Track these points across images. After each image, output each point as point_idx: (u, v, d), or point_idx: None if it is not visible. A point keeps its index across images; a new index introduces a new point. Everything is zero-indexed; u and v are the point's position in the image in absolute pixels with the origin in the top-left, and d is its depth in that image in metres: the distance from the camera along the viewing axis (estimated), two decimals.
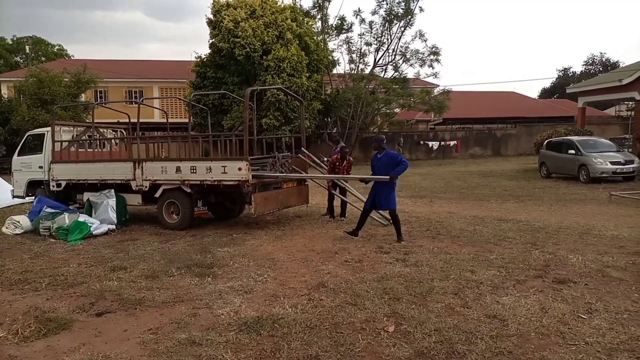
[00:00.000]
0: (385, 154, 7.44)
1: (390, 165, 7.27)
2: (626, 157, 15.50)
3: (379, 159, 7.46)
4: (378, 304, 4.50)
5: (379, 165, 7.41)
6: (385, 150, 7.52)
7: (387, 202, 7.39)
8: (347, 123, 27.68)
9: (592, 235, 7.37)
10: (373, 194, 7.46)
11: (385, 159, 7.36)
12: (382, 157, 7.42)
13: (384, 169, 7.29)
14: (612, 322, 3.94)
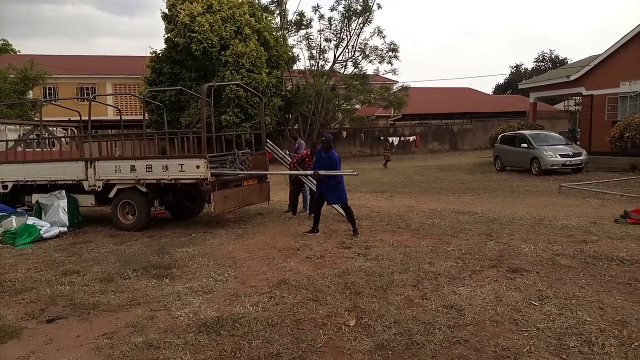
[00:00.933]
0: (330, 154, 7.57)
1: (329, 167, 7.47)
2: (574, 149, 16.27)
3: (322, 157, 7.62)
4: (339, 299, 4.51)
5: (321, 163, 7.58)
6: (332, 150, 7.64)
7: (337, 197, 7.57)
8: (308, 119, 27.71)
9: (543, 225, 7.68)
10: (319, 189, 7.66)
11: (328, 160, 7.53)
12: (326, 157, 7.58)
13: (325, 168, 7.49)
14: (561, 308, 4.11)
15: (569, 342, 3.46)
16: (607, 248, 6.06)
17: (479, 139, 32.71)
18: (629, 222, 7.54)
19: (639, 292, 4.44)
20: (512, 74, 59.66)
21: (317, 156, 7.80)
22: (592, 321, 3.81)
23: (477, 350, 3.42)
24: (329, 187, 7.54)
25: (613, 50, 19.15)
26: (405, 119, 37.10)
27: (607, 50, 19.45)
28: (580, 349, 3.36)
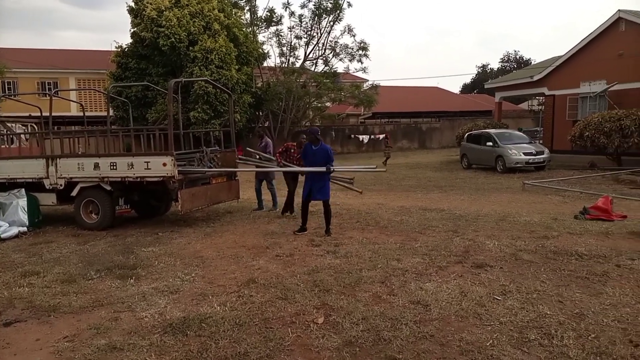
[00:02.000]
0: (321, 146, 7.43)
1: (324, 158, 7.32)
2: (537, 148, 16.78)
3: (314, 151, 7.42)
4: (308, 297, 4.52)
5: (314, 157, 7.39)
6: (321, 142, 7.51)
7: (322, 193, 7.42)
8: (279, 117, 27.55)
9: (507, 222, 7.89)
10: (309, 186, 7.45)
11: (321, 152, 7.37)
12: (317, 150, 7.40)
13: (320, 161, 7.31)
14: (523, 302, 4.24)
15: (530, 335, 3.57)
16: (567, 243, 6.28)
17: (446, 138, 33.33)
18: (587, 219, 7.84)
19: (596, 286, 4.62)
20: (478, 74, 61.05)
21: (308, 151, 7.54)
22: (552, 314, 3.95)
23: (443, 344, 3.48)
24: (319, 184, 7.37)
25: (573, 52, 19.85)
26: (376, 117, 37.42)
27: (568, 52, 20.14)
28: (540, 342, 3.47)
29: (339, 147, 32.05)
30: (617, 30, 18.21)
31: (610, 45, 18.27)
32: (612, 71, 17.90)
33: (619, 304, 4.13)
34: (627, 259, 5.46)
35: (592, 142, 15.37)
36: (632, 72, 17.04)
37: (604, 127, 14.97)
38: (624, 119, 14.73)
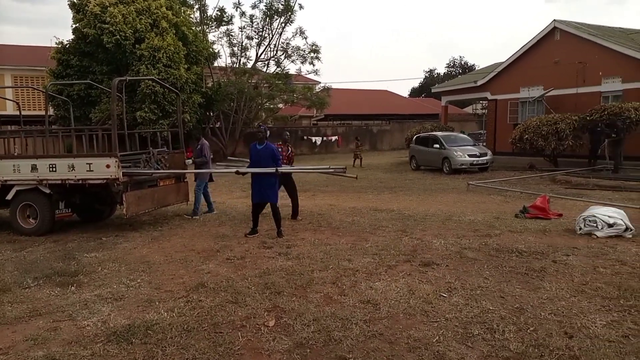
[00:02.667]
0: (266, 146, 7.32)
1: (271, 158, 7.20)
2: (481, 150, 17.51)
3: (258, 150, 7.29)
4: (259, 300, 4.48)
5: (258, 157, 7.27)
6: (266, 142, 7.42)
7: (272, 195, 7.30)
8: (230, 117, 27.18)
9: (452, 221, 8.18)
10: (259, 187, 7.27)
11: (267, 152, 7.25)
12: (262, 150, 7.28)
13: (266, 161, 7.20)
14: (467, 298, 4.41)
15: (474, 330, 3.71)
16: (508, 241, 6.59)
17: (396, 140, 34.12)
18: (527, 217, 8.26)
19: (535, 281, 4.87)
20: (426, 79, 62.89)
21: (252, 150, 7.39)
22: (494, 310, 4.12)
23: (391, 342, 3.56)
24: (270, 185, 7.25)
25: (513, 59, 20.90)
26: (328, 119, 37.71)
27: (508, 59, 21.18)
28: (483, 336, 3.62)
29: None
30: (553, 39, 19.36)
31: (547, 53, 19.38)
32: (548, 77, 19.00)
33: (555, 297, 4.38)
34: (562, 255, 5.79)
35: (531, 144, 16.22)
36: (566, 79, 18.15)
37: (541, 130, 15.85)
38: (560, 122, 15.66)
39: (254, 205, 7.47)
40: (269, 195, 7.28)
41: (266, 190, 7.25)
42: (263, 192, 7.26)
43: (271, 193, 7.28)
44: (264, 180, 7.23)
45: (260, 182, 7.26)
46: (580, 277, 4.92)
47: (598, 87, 17.74)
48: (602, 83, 17.68)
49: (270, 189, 7.26)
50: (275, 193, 7.36)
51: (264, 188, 7.24)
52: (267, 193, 7.26)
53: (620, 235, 6.62)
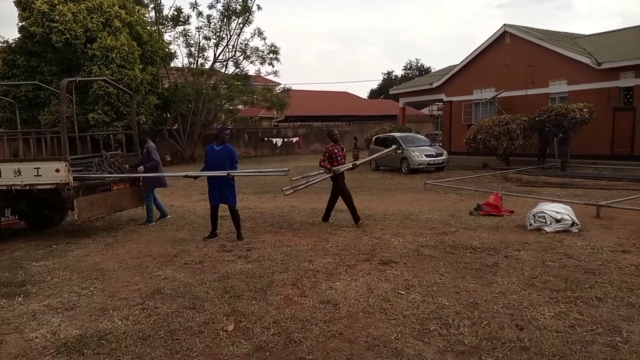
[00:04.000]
0: (224, 147, 7.17)
1: (229, 160, 7.08)
2: (437, 150, 17.97)
3: (216, 151, 7.14)
4: (218, 304, 4.41)
5: (217, 158, 7.11)
6: (225, 143, 7.26)
7: (231, 197, 7.16)
8: (188, 119, 26.66)
9: (410, 220, 8.35)
10: (217, 189, 7.12)
11: (225, 152, 7.11)
12: (221, 150, 7.13)
13: (224, 162, 7.07)
14: (424, 295, 4.51)
15: (430, 326, 3.80)
16: (463, 238, 6.80)
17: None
18: (481, 214, 8.54)
19: (488, 276, 5.04)
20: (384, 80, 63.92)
21: (209, 151, 7.23)
22: (449, 305, 4.24)
23: (351, 341, 3.59)
24: (227, 186, 7.09)
25: (467, 62, 21.58)
26: (288, 121, 37.68)
27: (462, 62, 21.85)
28: (439, 332, 3.71)
29: (252, 150, 31.82)
30: (504, 42, 20.13)
31: (498, 56, 20.13)
32: (500, 80, 19.73)
33: (507, 291, 4.55)
34: (514, 250, 6.03)
35: (484, 144, 16.80)
36: (517, 81, 18.91)
37: (494, 130, 16.44)
38: (511, 123, 16.30)
39: (212, 207, 7.34)
40: (228, 197, 7.15)
41: (225, 192, 7.12)
42: (222, 194, 7.13)
43: (230, 195, 7.15)
44: (222, 181, 7.09)
45: (219, 184, 7.12)
46: (530, 271, 5.14)
47: (546, 89, 18.59)
48: (550, 85, 18.54)
49: (228, 190, 7.13)
50: (233, 195, 7.23)
51: (222, 190, 7.11)
52: (226, 195, 7.13)
53: (567, 230, 6.96)
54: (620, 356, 3.21)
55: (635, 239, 6.46)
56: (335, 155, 8.17)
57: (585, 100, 16.09)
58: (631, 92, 16.53)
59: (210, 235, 7.32)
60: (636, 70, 16.12)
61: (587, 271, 5.07)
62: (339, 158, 8.23)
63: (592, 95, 16.82)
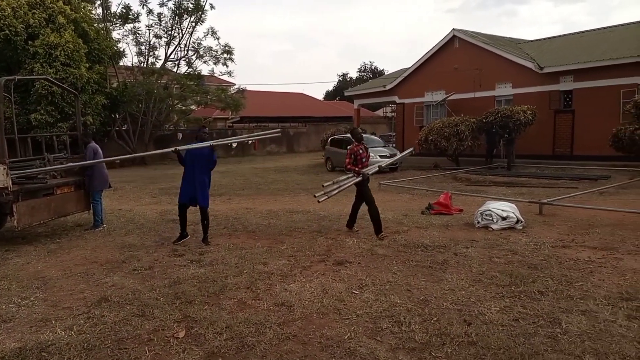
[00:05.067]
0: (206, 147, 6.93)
1: (207, 159, 6.88)
2: (391, 151, 18.31)
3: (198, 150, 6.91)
4: (168, 311, 4.29)
5: (194, 158, 6.88)
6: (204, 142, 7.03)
7: (204, 199, 6.94)
8: (138, 120, 25.83)
9: (365, 220, 8.40)
10: (190, 186, 6.87)
11: (208, 153, 6.89)
12: (204, 150, 6.90)
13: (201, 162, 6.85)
14: (377, 294, 4.58)
15: (383, 325, 3.86)
16: (415, 236, 6.96)
17: (313, 142, 34.59)
18: (432, 213, 8.77)
19: (438, 273, 5.19)
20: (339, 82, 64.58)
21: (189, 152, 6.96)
22: (401, 303, 4.32)
23: (304, 343, 3.59)
24: (202, 185, 6.85)
25: (418, 65, 22.15)
26: (244, 122, 37.24)
27: (413, 65, 22.41)
28: (391, 330, 3.77)
29: None
30: (453, 47, 20.81)
31: (448, 59, 20.78)
32: (449, 82, 20.39)
33: (456, 288, 4.70)
34: (462, 247, 6.24)
35: (435, 145, 17.29)
36: (465, 84, 19.59)
37: (444, 132, 16.95)
38: (460, 124, 16.86)
39: (180, 205, 7.07)
40: (200, 196, 6.87)
41: (197, 190, 6.84)
42: (194, 192, 6.85)
43: (202, 194, 6.89)
44: (196, 178, 6.85)
45: (192, 181, 6.87)
46: (478, 267, 5.33)
47: (492, 92, 19.38)
48: (496, 88, 19.34)
49: (202, 190, 6.87)
50: (206, 195, 6.96)
51: (195, 187, 6.83)
52: (198, 194, 6.85)
53: (513, 227, 7.27)
54: (559, 346, 3.39)
55: (574, 234, 6.85)
56: (359, 157, 7.39)
57: (529, 103, 16.89)
58: (570, 95, 17.52)
59: (180, 237, 7.10)
60: (575, 74, 17.11)
61: (530, 266, 5.31)
62: (363, 160, 7.45)
63: (535, 98, 17.69)
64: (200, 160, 6.88)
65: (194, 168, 6.89)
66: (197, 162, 6.88)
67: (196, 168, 6.88)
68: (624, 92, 15.71)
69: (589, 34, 20.36)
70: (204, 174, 6.91)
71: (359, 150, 7.43)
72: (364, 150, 7.48)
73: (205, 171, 6.93)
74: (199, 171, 6.87)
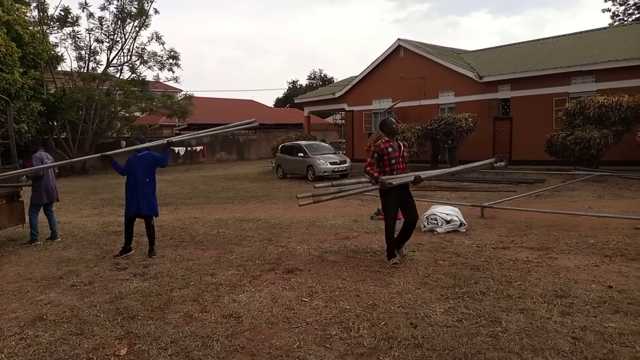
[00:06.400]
0: (146, 154, 6.70)
1: (152, 165, 6.65)
2: (341, 158, 18.54)
3: (139, 157, 6.66)
4: (109, 328, 4.09)
5: (141, 166, 6.62)
6: (148, 151, 6.77)
7: (149, 208, 6.66)
8: (79, 127, 24.67)
9: (316, 227, 8.49)
10: (135, 196, 6.59)
11: (149, 158, 6.65)
12: (145, 156, 6.65)
13: (148, 170, 6.63)
14: (327, 301, 4.59)
15: (332, 331, 3.87)
16: (364, 242, 7.06)
17: (263, 149, 34.41)
18: (380, 218, 8.92)
19: (386, 278, 5.27)
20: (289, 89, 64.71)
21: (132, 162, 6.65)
22: (350, 309, 4.35)
23: (253, 354, 3.53)
24: (146, 196, 6.57)
25: (366, 73, 22.63)
26: (192, 129, 36.39)
27: (361, 73, 22.87)
28: (340, 336, 3.79)
29: None
30: (398, 56, 21.43)
31: (394, 68, 21.38)
32: (396, 91, 20.96)
33: (402, 291, 4.79)
34: (409, 251, 6.38)
35: None
36: (411, 92, 20.22)
37: None
38: (406, 131, 17.35)
39: (126, 219, 6.78)
40: (144, 205, 6.61)
41: (141, 199, 6.58)
42: (140, 203, 6.59)
43: (147, 202, 6.62)
44: (139, 186, 6.59)
45: (135, 190, 6.61)
46: (424, 270, 5.47)
47: (436, 100, 20.11)
48: (440, 96, 20.09)
49: (146, 197, 6.60)
50: (152, 204, 6.70)
51: (141, 197, 6.58)
52: (142, 202, 6.59)
53: (457, 230, 7.54)
54: (500, 345, 3.53)
55: (513, 236, 7.19)
56: (388, 157, 5.55)
57: (471, 111, 17.67)
58: (508, 103, 18.49)
59: (123, 250, 6.76)
60: (512, 83, 18.08)
61: (472, 268, 5.52)
62: (392, 161, 5.57)
63: (476, 105, 18.52)
64: (141, 166, 6.63)
65: (136, 176, 6.64)
66: (138, 169, 6.63)
67: (138, 175, 6.63)
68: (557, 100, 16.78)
69: (524, 46, 21.61)
70: (147, 181, 6.65)
71: (388, 148, 5.54)
72: (396, 149, 5.54)
73: (148, 177, 6.67)
74: (141, 178, 6.62)
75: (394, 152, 5.62)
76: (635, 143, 13.15)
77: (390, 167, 5.65)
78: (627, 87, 14.63)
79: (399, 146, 5.69)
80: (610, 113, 13.81)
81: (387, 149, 5.63)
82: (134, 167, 6.66)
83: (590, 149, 13.54)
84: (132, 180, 6.67)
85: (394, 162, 5.64)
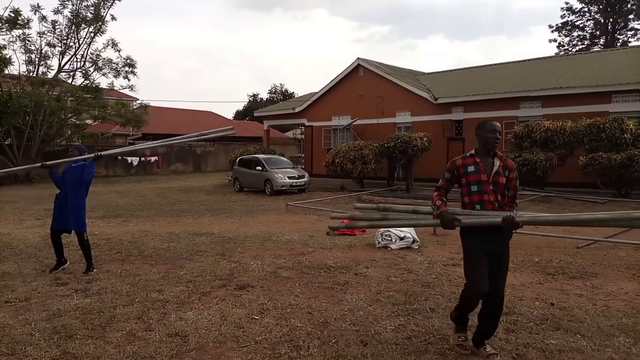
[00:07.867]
0: (79, 166, 6.38)
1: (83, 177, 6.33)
2: (299, 172, 18.54)
3: (74, 168, 6.35)
4: (44, 348, 3.83)
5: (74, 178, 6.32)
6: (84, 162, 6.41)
7: (78, 222, 6.33)
8: (25, 133, 23.47)
9: (271, 242, 8.38)
10: (66, 212, 6.27)
11: (82, 169, 6.33)
12: (79, 167, 6.34)
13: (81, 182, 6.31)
14: (278, 318, 4.51)
15: (282, 350, 3.79)
16: (319, 257, 7.02)
17: (221, 161, 33.90)
18: (336, 234, 8.94)
19: (339, 294, 5.25)
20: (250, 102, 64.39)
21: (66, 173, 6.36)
22: (301, 326, 4.29)
23: None
24: (76, 210, 6.25)
25: (326, 90, 22.90)
26: (147, 139, 35.39)
27: (321, 90, 23.11)
28: (290, 355, 3.72)
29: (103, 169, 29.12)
30: (358, 74, 21.84)
31: (353, 86, 21.74)
32: (355, 108, 21.29)
33: (355, 308, 4.78)
34: (363, 267, 6.41)
35: (341, 167, 17.85)
36: (369, 110, 20.60)
37: (349, 155, 17.59)
38: (364, 148, 17.62)
39: (52, 233, 6.44)
40: (72, 220, 6.30)
41: (72, 215, 6.27)
42: (66, 218, 6.30)
43: (75, 218, 6.31)
44: (68, 202, 6.28)
45: (65, 204, 6.30)
46: (376, 286, 5.50)
47: (393, 119, 20.57)
48: (396, 115, 20.56)
49: (74, 213, 6.28)
50: (81, 219, 6.38)
51: (71, 211, 6.27)
52: (70, 218, 6.28)
53: (410, 247, 7.65)
54: None
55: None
56: (466, 180, 3.66)
57: (426, 130, 18.18)
58: (461, 124, 19.15)
59: (58, 264, 6.40)
60: (465, 105, 18.77)
61: (423, 284, 5.60)
62: (474, 187, 3.61)
63: (431, 125, 19.08)
64: (72, 179, 6.35)
65: (67, 189, 6.35)
66: (69, 182, 6.35)
67: (69, 189, 6.34)
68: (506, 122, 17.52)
69: (476, 70, 22.56)
70: (77, 195, 6.35)
71: (467, 166, 3.64)
72: (484, 171, 3.56)
73: (80, 190, 6.37)
74: (71, 192, 6.32)
75: (476, 174, 3.58)
76: (577, 166, 13.90)
77: (471, 198, 3.63)
78: (570, 113, 15.50)
79: (493, 167, 3.56)
80: (555, 137, 14.57)
81: (465, 167, 3.64)
82: (67, 178, 6.40)
83: (537, 170, 14.19)
84: (64, 193, 6.39)
85: (475, 189, 3.59)
